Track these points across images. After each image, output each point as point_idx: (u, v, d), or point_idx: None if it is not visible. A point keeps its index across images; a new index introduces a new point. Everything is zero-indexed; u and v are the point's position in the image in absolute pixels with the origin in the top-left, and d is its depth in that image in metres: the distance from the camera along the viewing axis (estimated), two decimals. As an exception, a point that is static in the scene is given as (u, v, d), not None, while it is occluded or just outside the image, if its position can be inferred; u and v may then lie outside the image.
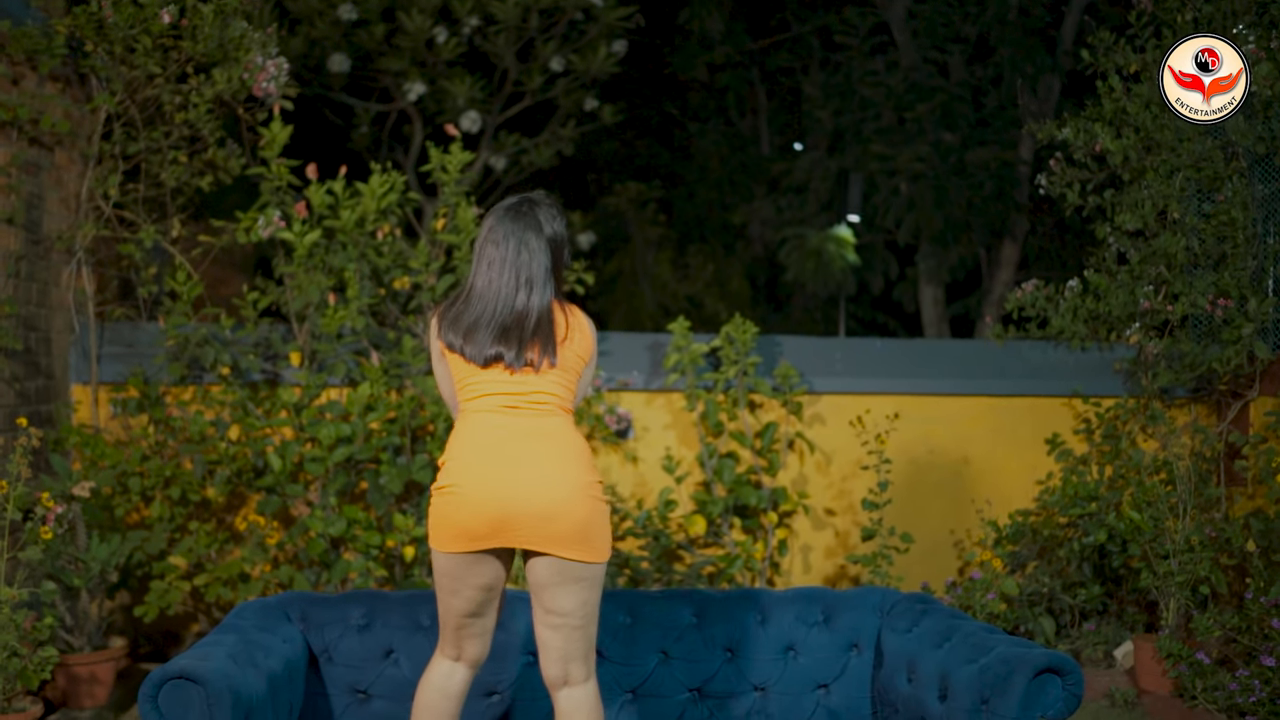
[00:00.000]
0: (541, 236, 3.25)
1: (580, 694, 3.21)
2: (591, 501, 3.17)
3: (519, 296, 3.21)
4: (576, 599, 3.17)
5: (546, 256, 3.25)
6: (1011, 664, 3.19)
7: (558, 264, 3.29)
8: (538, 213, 3.28)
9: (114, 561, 5.70)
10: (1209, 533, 5.96)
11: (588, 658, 3.22)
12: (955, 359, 7.30)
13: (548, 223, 3.28)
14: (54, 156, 6.15)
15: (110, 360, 6.43)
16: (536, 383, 3.22)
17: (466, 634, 3.32)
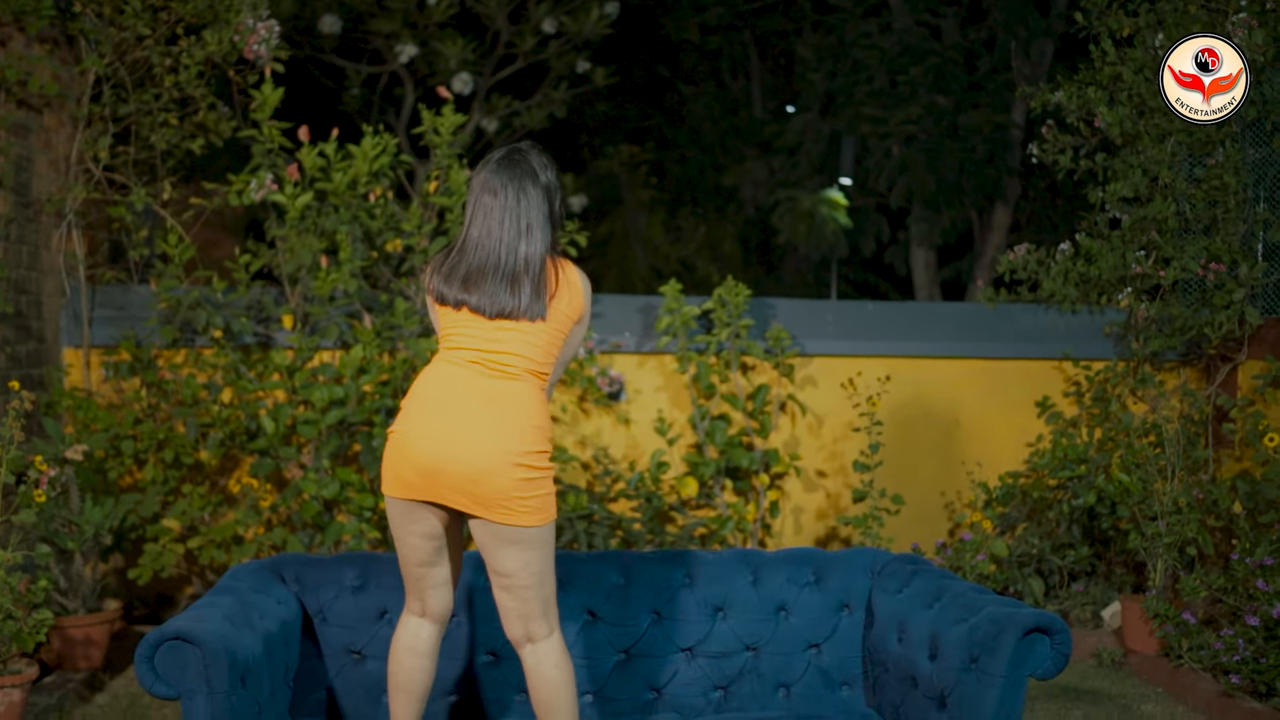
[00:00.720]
0: (538, 184, 3.23)
1: (544, 648, 3.25)
2: (521, 470, 3.14)
3: (520, 244, 3.19)
4: (517, 561, 3.19)
5: (544, 204, 3.23)
6: (1000, 624, 3.22)
7: (553, 213, 3.26)
8: (530, 160, 3.26)
9: (108, 524, 5.71)
10: (1196, 495, 6.00)
11: (547, 614, 3.25)
12: (946, 322, 7.32)
13: (541, 170, 3.25)
14: (43, 119, 6.12)
15: (101, 323, 6.43)
16: (513, 342, 3.19)
17: (425, 585, 3.35)
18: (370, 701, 3.70)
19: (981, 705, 3.18)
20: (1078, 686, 5.62)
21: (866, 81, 13.45)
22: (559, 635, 3.29)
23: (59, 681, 5.33)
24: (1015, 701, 3.19)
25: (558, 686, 3.24)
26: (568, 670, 3.26)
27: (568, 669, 3.27)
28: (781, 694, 3.83)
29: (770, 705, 3.81)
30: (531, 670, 3.26)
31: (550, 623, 3.27)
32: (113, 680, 5.58)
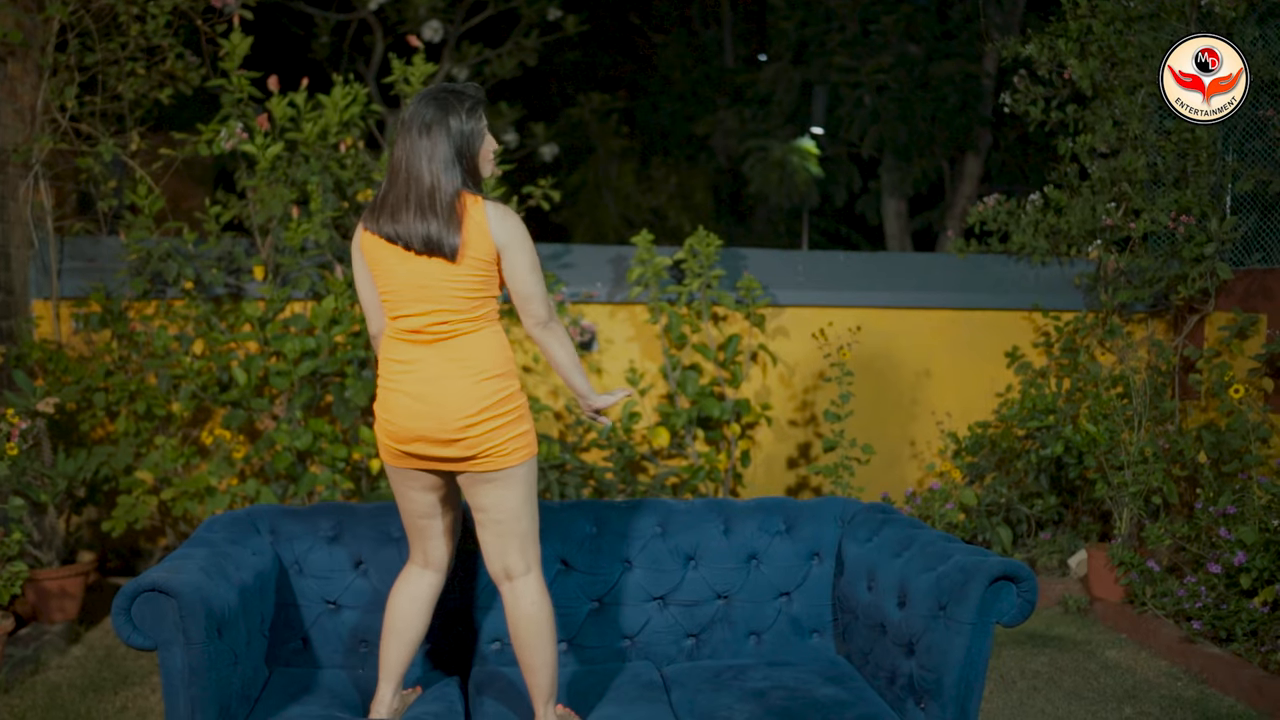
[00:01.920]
0: (446, 124, 3.20)
1: (521, 586, 3.31)
2: (485, 424, 3.20)
3: (427, 178, 3.18)
4: (491, 496, 3.27)
5: (449, 144, 3.20)
6: (968, 572, 3.27)
7: (462, 153, 3.22)
8: (450, 99, 3.24)
9: (80, 477, 5.71)
10: (1162, 445, 6.08)
11: (524, 552, 3.30)
12: (917, 272, 7.35)
13: (457, 110, 3.22)
14: (6, 68, 6.04)
15: (71, 275, 6.38)
16: (441, 290, 3.19)
17: (426, 535, 3.42)
18: (346, 651, 3.72)
19: (949, 652, 3.23)
20: (1044, 633, 5.72)
21: (839, 30, 13.41)
22: (537, 574, 3.33)
23: (34, 634, 5.34)
24: (982, 648, 3.24)
25: (534, 623, 3.28)
26: (545, 608, 3.31)
27: (545, 607, 3.31)
28: (752, 641, 3.88)
29: (741, 653, 3.86)
30: (510, 608, 3.32)
31: (527, 561, 3.31)
32: (88, 632, 5.59)
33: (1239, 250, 6.60)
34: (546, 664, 3.30)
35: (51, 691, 4.80)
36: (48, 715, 4.53)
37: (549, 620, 3.31)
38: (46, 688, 4.85)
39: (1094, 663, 5.31)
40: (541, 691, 3.31)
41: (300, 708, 3.35)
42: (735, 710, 3.34)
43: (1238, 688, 4.86)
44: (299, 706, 3.36)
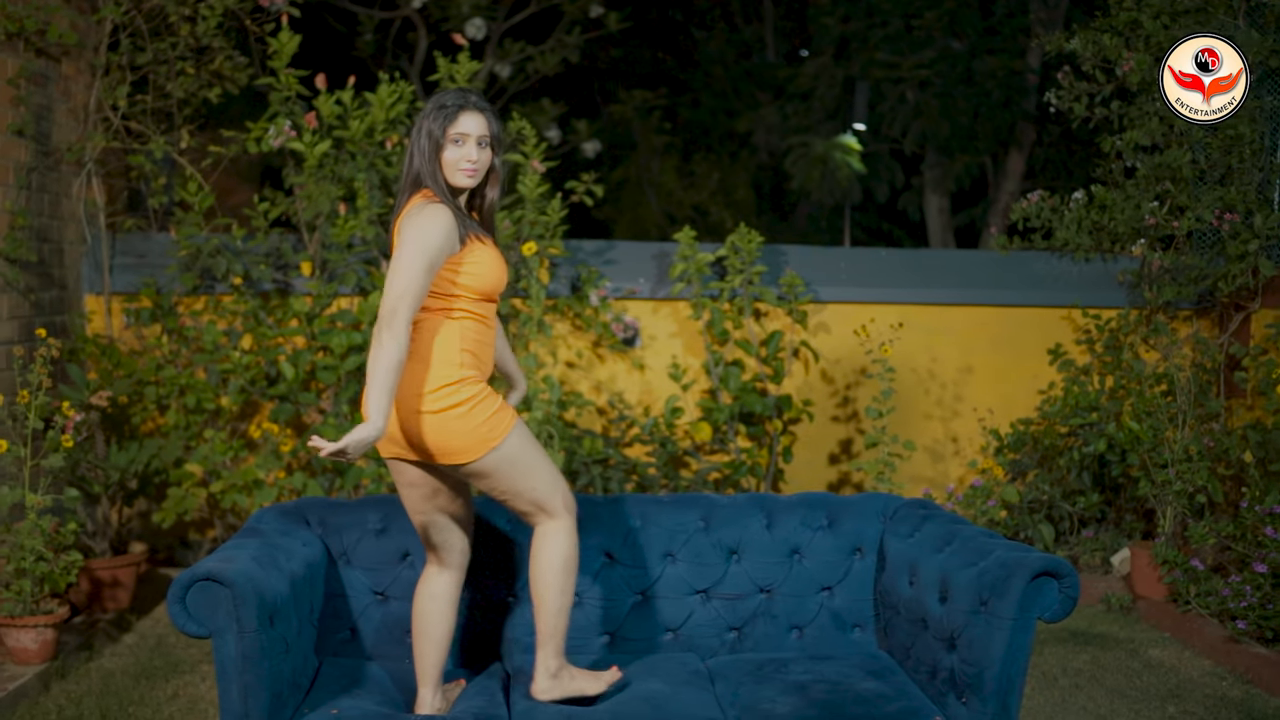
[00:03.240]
0: (416, 128, 3.32)
1: (544, 529, 3.37)
2: (428, 416, 3.22)
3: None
4: (480, 486, 3.36)
5: (413, 149, 3.32)
6: (1010, 567, 3.29)
7: (412, 154, 3.31)
8: (426, 107, 3.34)
9: (133, 469, 5.81)
10: (1207, 443, 6.05)
11: (545, 507, 3.35)
12: (959, 269, 7.35)
13: (423, 119, 3.31)
14: (61, 68, 6.15)
15: (121, 271, 6.50)
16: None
17: (429, 534, 3.47)
18: (394, 641, 3.79)
19: (990, 647, 3.25)
20: (1086, 631, 5.71)
21: (881, 26, 13.38)
22: (562, 521, 3.36)
23: (88, 622, 5.46)
24: (1023, 643, 3.26)
25: (544, 568, 3.35)
26: (559, 552, 3.35)
27: (560, 551, 3.35)
28: (794, 635, 3.92)
29: (783, 646, 3.90)
30: (534, 543, 3.40)
31: (549, 510, 3.36)
32: (139, 621, 5.70)
33: (1287, 248, 6.56)
34: (559, 611, 3.36)
35: (105, 678, 4.90)
36: (102, 701, 4.63)
37: (564, 567, 3.36)
38: (101, 674, 4.95)
39: (1137, 661, 5.30)
40: (545, 635, 3.36)
41: (351, 700, 3.42)
42: (778, 702, 3.38)
43: (1282, 687, 4.84)
44: (350, 699, 3.43)
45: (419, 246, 3.15)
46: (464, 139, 3.29)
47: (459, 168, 3.30)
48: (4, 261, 5.59)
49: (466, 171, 3.30)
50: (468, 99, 3.31)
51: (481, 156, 3.32)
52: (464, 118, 3.29)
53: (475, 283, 3.29)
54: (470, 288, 3.29)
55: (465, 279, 3.28)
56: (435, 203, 3.25)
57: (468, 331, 3.30)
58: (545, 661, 3.38)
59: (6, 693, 4.53)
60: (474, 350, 3.31)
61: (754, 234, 6.56)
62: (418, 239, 3.16)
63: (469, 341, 3.30)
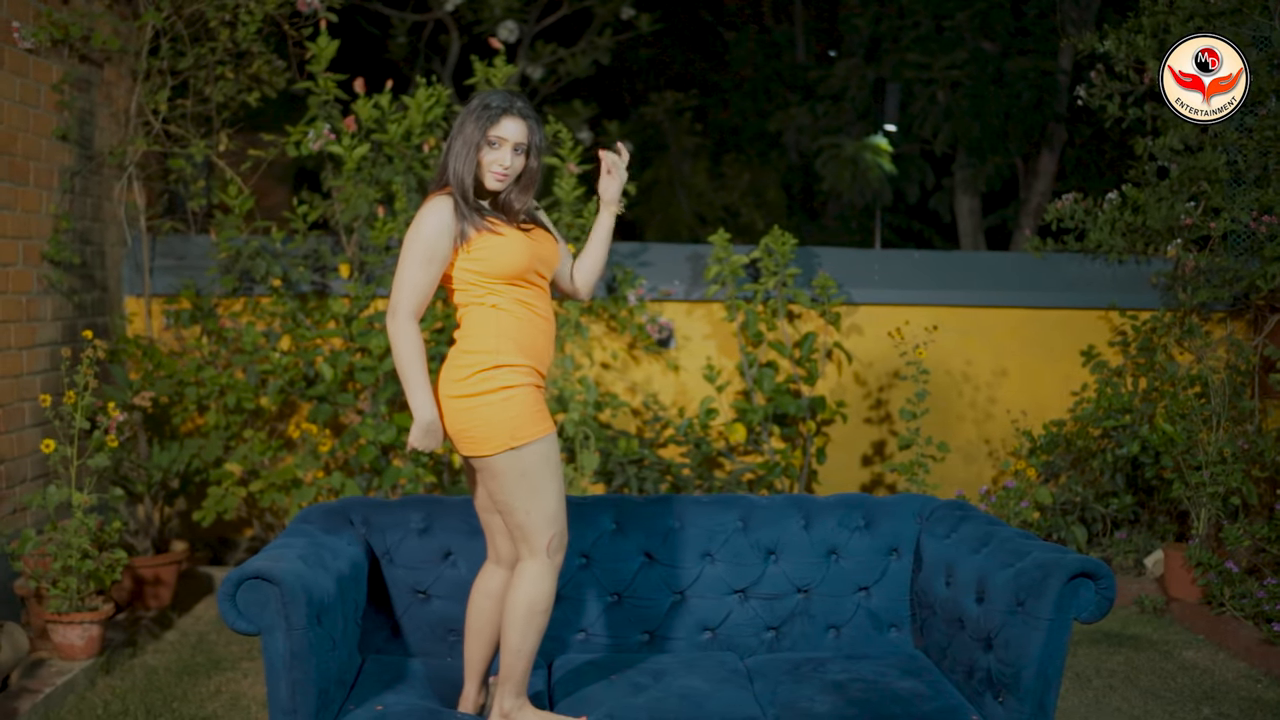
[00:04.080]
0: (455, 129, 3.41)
1: (527, 565, 3.37)
2: (452, 401, 3.33)
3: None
4: (486, 485, 3.38)
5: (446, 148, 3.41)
6: (1047, 568, 3.32)
7: (447, 158, 3.38)
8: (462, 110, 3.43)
9: (174, 469, 5.89)
10: (1241, 445, 6.05)
11: (524, 541, 3.35)
12: (992, 271, 7.36)
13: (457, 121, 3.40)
14: (103, 73, 6.25)
15: (161, 273, 6.59)
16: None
17: (490, 529, 3.54)
18: (435, 639, 3.85)
19: (1027, 646, 3.29)
20: (1120, 632, 5.72)
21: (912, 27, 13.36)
22: (540, 564, 3.35)
23: (131, 619, 5.54)
24: (1060, 643, 3.29)
25: (513, 607, 3.35)
26: (528, 598, 3.33)
27: (529, 597, 3.33)
28: (831, 635, 3.96)
29: (820, 645, 3.94)
30: (510, 583, 3.42)
31: (525, 550, 3.36)
32: (180, 618, 5.78)
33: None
34: (517, 652, 3.35)
35: (149, 674, 4.99)
36: (147, 696, 4.71)
37: (529, 611, 3.34)
38: (144, 670, 5.04)
39: (1171, 663, 5.31)
40: (507, 676, 3.38)
41: (395, 695, 3.48)
42: (816, 701, 3.42)
43: (1318, 689, 4.85)
44: (394, 694, 3.49)
45: (409, 240, 3.32)
46: (501, 143, 3.34)
47: (490, 170, 3.36)
48: (48, 264, 5.68)
49: (496, 175, 3.36)
50: (513, 104, 3.36)
51: (515, 163, 3.37)
52: (505, 121, 3.34)
53: (487, 268, 3.33)
54: (484, 273, 3.34)
55: (478, 264, 3.34)
56: (437, 196, 3.35)
57: (505, 319, 3.34)
58: (500, 700, 3.39)
59: (55, 687, 4.61)
60: (516, 337, 3.33)
61: (788, 236, 6.59)
62: (411, 234, 3.33)
63: (508, 329, 3.33)
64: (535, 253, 3.41)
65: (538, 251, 3.42)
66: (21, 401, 5.47)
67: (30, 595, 5.10)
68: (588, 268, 3.68)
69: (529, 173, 3.43)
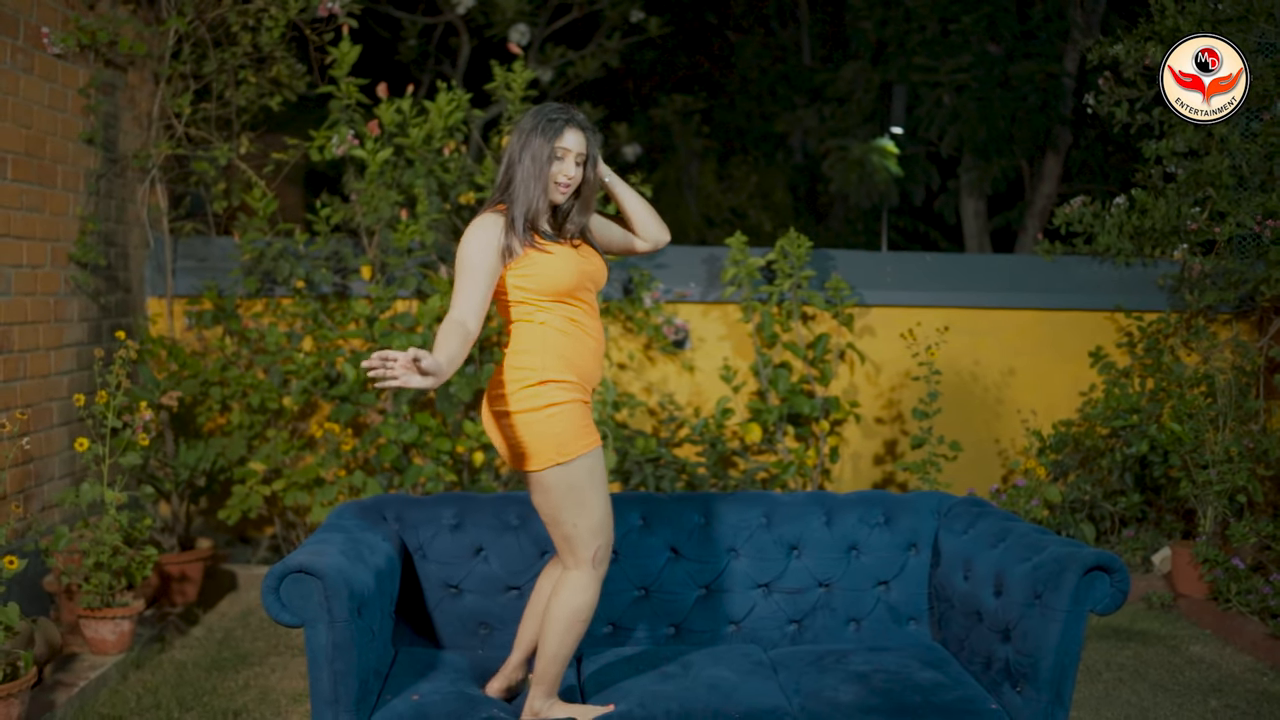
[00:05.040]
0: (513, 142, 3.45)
1: (564, 577, 3.46)
2: (497, 417, 3.43)
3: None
4: (535, 499, 3.46)
5: (505, 163, 3.45)
6: (1063, 562, 3.42)
7: (502, 170, 3.44)
8: (521, 121, 3.47)
9: (201, 467, 6.00)
10: (1247, 444, 6.15)
11: (569, 552, 3.43)
12: (1003, 273, 7.46)
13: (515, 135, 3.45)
14: (126, 77, 6.35)
15: (183, 274, 6.69)
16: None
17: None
18: (467, 633, 3.95)
19: (1045, 638, 3.39)
20: (1129, 628, 5.83)
21: (918, 30, 13.46)
22: (585, 575, 3.42)
23: (158, 615, 5.65)
24: (1076, 634, 3.39)
25: (554, 614, 3.43)
26: (571, 607, 3.41)
27: (571, 606, 3.41)
28: (852, 628, 4.06)
29: (841, 638, 4.04)
30: (553, 589, 3.50)
31: (571, 560, 3.44)
32: (206, 614, 5.89)
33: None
34: (553, 657, 3.42)
35: (179, 669, 5.09)
36: (177, 690, 4.81)
37: (569, 617, 3.41)
38: (174, 665, 5.14)
39: (1179, 657, 5.42)
40: (538, 677, 3.46)
41: (429, 684, 3.58)
42: (840, 690, 3.52)
43: (1324, 682, 4.95)
44: (427, 683, 3.59)
45: (459, 257, 3.37)
46: (565, 154, 3.41)
47: (555, 182, 3.41)
48: (75, 266, 5.79)
49: (561, 187, 3.43)
50: (573, 116, 3.43)
51: (576, 174, 3.44)
52: (568, 133, 3.41)
53: (536, 284, 3.39)
54: (533, 290, 3.40)
55: (527, 281, 3.40)
56: (488, 214, 3.40)
57: (551, 335, 3.40)
58: (532, 700, 3.47)
59: (89, 681, 4.72)
60: (564, 354, 3.40)
61: (803, 238, 6.69)
62: (460, 251, 3.37)
63: (556, 345, 3.39)
64: (584, 270, 3.46)
65: (586, 269, 3.47)
66: (49, 401, 5.58)
67: (60, 591, 5.21)
68: (631, 216, 3.71)
69: (588, 184, 3.50)
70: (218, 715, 4.58)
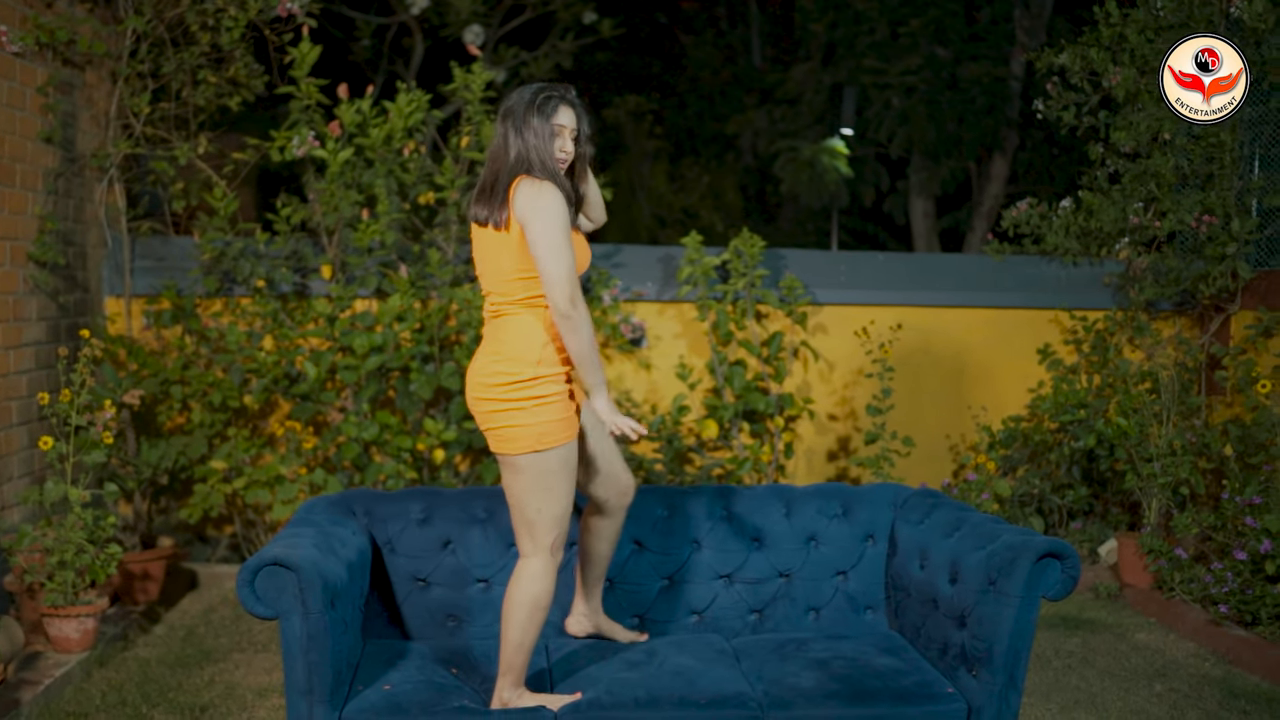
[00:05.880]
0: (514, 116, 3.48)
1: (520, 565, 3.55)
2: (485, 402, 3.50)
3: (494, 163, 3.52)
4: (505, 480, 3.55)
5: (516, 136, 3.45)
6: (1016, 549, 3.55)
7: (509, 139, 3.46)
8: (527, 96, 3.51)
9: (163, 466, 6.01)
10: (1190, 438, 6.33)
11: (528, 537, 3.53)
12: (954, 273, 7.61)
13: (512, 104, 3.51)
14: (85, 76, 6.35)
15: (141, 273, 6.69)
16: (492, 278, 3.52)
17: (586, 490, 3.83)
18: (435, 625, 4.02)
19: (999, 623, 3.51)
20: (1077, 617, 5.98)
21: (868, 33, 13.65)
22: (541, 562, 3.52)
23: (121, 613, 5.66)
24: (1029, 619, 3.52)
25: (514, 602, 3.52)
26: (529, 593, 3.50)
27: (530, 592, 3.50)
28: (811, 617, 4.17)
29: (801, 627, 4.15)
30: (510, 581, 3.58)
31: (530, 547, 3.54)
32: (167, 613, 5.90)
33: (1265, 252, 6.84)
34: (516, 645, 3.50)
35: (143, 666, 5.11)
36: (143, 687, 4.84)
37: (529, 605, 3.50)
38: (138, 663, 5.16)
39: (1125, 644, 5.58)
40: (505, 667, 3.52)
41: (399, 673, 3.64)
42: (801, 677, 3.63)
43: (1263, 667, 5.12)
44: (398, 672, 3.65)
45: (556, 224, 3.37)
46: (562, 130, 3.49)
47: (555, 157, 3.49)
48: (34, 265, 5.79)
49: (561, 163, 3.51)
50: (566, 93, 3.52)
51: (571, 150, 3.53)
52: (563, 110, 3.49)
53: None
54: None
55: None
56: (529, 179, 3.42)
57: (549, 321, 3.50)
58: (500, 690, 3.54)
59: (53, 679, 4.73)
60: (559, 341, 3.49)
61: (756, 238, 6.81)
62: (552, 219, 3.36)
63: (553, 333, 3.49)
64: (585, 252, 3.61)
65: (586, 250, 3.62)
66: (9, 400, 5.58)
67: (21, 590, 5.21)
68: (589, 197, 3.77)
69: (581, 159, 3.59)
70: (184, 711, 4.61)
